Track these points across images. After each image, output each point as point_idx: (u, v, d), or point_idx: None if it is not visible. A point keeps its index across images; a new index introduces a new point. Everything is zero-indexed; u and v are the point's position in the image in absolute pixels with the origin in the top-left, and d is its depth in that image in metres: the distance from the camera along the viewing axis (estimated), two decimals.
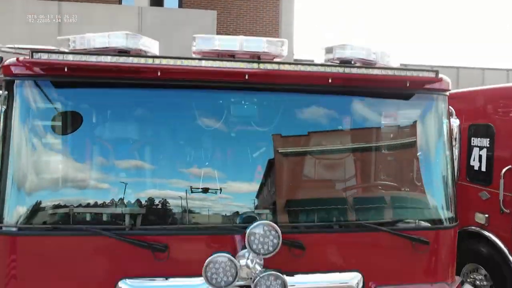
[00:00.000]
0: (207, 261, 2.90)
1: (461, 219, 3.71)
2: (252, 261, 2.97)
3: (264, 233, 2.92)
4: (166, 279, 3.21)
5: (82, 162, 3.39)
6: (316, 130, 3.75)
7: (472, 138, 7.41)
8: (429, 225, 3.58)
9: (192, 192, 3.34)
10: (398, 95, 3.69)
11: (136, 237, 3.15)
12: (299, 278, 3.30)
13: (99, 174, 3.42)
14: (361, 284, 3.39)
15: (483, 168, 7.40)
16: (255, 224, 2.93)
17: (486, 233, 7.11)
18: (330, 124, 3.81)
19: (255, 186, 3.53)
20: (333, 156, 3.84)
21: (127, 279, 3.17)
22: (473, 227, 7.22)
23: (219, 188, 3.42)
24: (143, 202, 3.33)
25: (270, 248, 2.93)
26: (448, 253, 3.61)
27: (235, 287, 3.11)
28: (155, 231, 3.21)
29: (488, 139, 7.22)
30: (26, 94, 3.24)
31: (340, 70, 3.34)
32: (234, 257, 2.96)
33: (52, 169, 3.36)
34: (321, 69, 3.35)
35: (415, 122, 3.88)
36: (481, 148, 7.41)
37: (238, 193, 3.53)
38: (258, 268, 2.99)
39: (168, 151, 3.53)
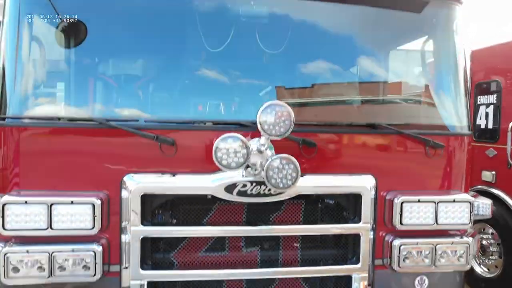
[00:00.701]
0: (216, 141, 2.79)
1: None
2: (263, 145, 2.86)
3: (275, 114, 2.80)
4: (173, 175, 3.09)
5: (87, 57, 3.30)
6: (328, 39, 3.64)
7: (479, 97, 7.35)
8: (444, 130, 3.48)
9: (202, 90, 3.25)
10: (412, 4, 3.59)
11: (143, 130, 3.04)
12: (310, 178, 3.19)
13: (105, 67, 3.32)
14: (374, 188, 3.28)
15: (490, 125, 7.34)
16: (266, 104, 2.81)
17: (494, 191, 7.03)
18: (342, 36, 3.71)
19: (267, 87, 3.44)
20: (346, 61, 3.72)
21: (133, 174, 3.06)
22: (479, 186, 7.14)
23: (230, 87, 3.32)
24: (152, 95, 3.23)
25: (282, 130, 2.81)
26: (462, 162, 3.51)
27: (246, 183, 3.01)
28: (163, 125, 3.09)
29: (495, 95, 7.16)
30: None
31: None
32: None
33: (57, 63, 3.26)
34: None
35: (429, 33, 3.78)
36: (487, 105, 7.35)
37: (249, 93, 3.43)
38: (270, 153, 2.88)
39: (178, 46, 3.42)
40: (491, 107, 7.26)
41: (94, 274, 2.96)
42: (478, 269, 7.12)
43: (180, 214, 3.20)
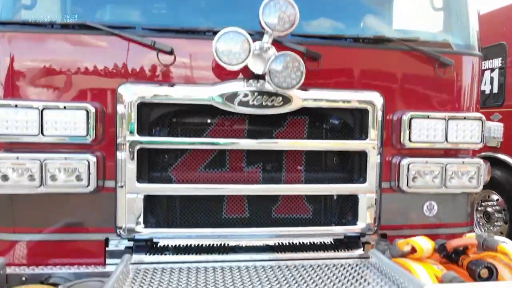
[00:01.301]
0: (218, 35, 2.65)
1: None
2: (266, 43, 2.72)
3: (279, 9, 2.65)
4: (172, 85, 2.95)
5: None
6: None
7: (483, 62, 7.24)
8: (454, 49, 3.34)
9: None
10: None
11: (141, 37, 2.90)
12: (315, 92, 3.05)
13: None
14: (381, 105, 3.13)
15: (495, 90, 7.23)
16: None
17: (499, 156, 6.92)
18: None
19: None
20: None
21: (128, 84, 2.91)
22: (483, 153, 7.03)
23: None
24: (150, 6, 3.08)
25: (287, 25, 2.67)
26: (473, 83, 3.37)
27: (248, 93, 2.87)
28: (161, 33, 2.94)
29: (501, 58, 7.05)
30: None
31: None
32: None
33: None
34: None
35: None
36: (492, 70, 7.24)
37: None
38: (273, 51, 2.73)
39: None
40: (496, 71, 7.14)
41: (88, 185, 2.82)
42: None
43: (179, 128, 3.06)
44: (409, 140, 3.10)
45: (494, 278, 2.56)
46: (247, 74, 2.89)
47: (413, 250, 2.84)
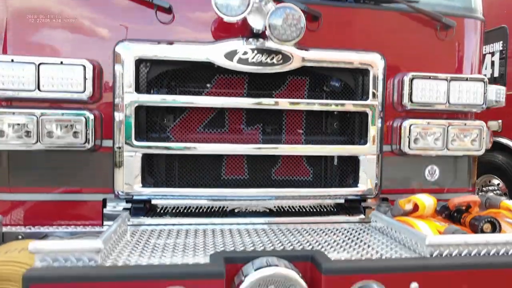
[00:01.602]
0: None
1: None
2: None
3: None
4: (170, 44, 2.91)
5: None
6: None
7: (484, 47, 7.20)
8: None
9: None
10: None
11: None
12: (315, 52, 3.01)
13: None
14: (382, 66, 3.09)
15: (496, 74, 7.18)
16: None
17: (501, 140, 6.87)
18: None
19: None
20: None
21: (126, 42, 2.88)
22: None
23: None
24: None
25: None
26: (475, 48, 3.34)
27: (248, 50, 2.84)
28: None
29: (502, 42, 6.99)
30: None
31: None
32: None
33: None
34: None
35: None
36: (493, 54, 7.19)
37: None
38: (272, 4, 2.69)
39: None
40: (497, 55, 7.10)
41: (85, 142, 2.78)
42: None
43: (177, 87, 3.02)
44: (411, 101, 3.07)
45: (497, 233, 2.52)
46: (247, 33, 2.86)
47: (415, 208, 2.80)
